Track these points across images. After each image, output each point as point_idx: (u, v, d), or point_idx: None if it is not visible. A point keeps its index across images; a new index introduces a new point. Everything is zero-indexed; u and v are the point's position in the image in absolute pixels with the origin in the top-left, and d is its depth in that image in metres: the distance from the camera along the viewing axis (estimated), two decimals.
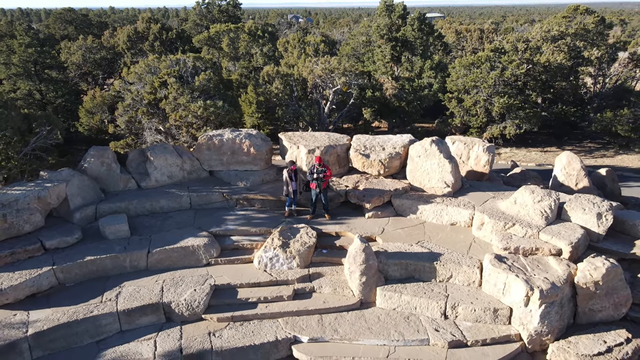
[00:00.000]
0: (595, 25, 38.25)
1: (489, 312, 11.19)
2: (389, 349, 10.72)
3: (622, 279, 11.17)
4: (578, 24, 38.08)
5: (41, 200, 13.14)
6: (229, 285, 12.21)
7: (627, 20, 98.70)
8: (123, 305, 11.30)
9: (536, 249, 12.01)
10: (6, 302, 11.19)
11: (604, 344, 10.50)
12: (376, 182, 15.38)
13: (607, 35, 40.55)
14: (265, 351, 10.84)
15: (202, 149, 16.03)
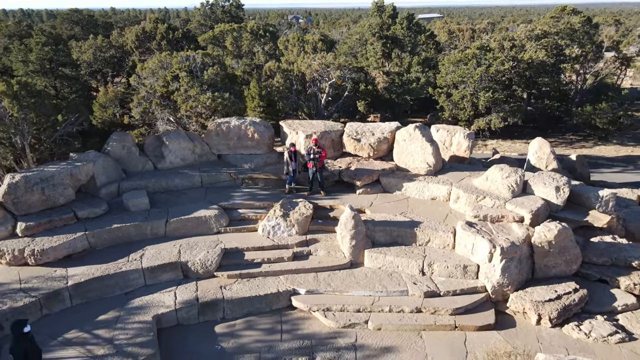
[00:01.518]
0: (581, 25, 40.10)
1: (459, 268, 13.05)
2: (374, 299, 12.57)
3: (572, 240, 13.02)
4: (565, 24, 39.94)
5: (73, 177, 15.01)
6: (236, 249, 14.07)
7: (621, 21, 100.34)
8: (147, 264, 13.16)
9: (502, 217, 13.88)
10: (47, 261, 13.06)
11: (554, 293, 12.35)
12: (366, 164, 17.26)
13: (594, 34, 42.35)
14: (269, 301, 12.68)
15: (212, 135, 17.89)
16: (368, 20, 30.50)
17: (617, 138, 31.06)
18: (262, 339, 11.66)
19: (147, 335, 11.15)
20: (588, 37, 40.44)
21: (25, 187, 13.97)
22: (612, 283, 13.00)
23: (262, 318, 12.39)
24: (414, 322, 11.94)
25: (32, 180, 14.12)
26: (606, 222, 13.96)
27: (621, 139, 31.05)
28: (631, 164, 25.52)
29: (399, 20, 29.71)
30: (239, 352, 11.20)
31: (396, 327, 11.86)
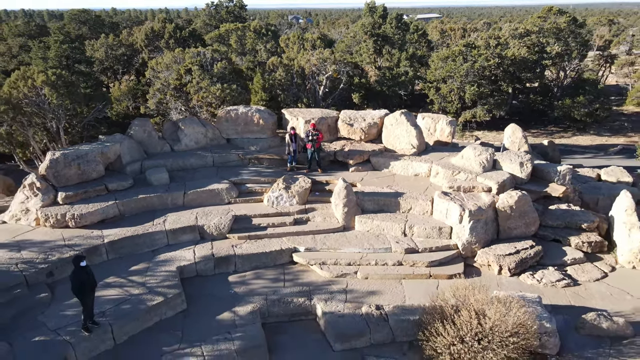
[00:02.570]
0: (567, 25, 42.27)
1: (435, 230, 15.25)
2: (362, 255, 14.77)
3: (530, 206, 15.24)
4: (552, 23, 42.12)
5: (103, 155, 17.21)
6: (245, 216, 16.27)
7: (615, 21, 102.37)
8: (169, 227, 15.36)
9: (473, 188, 16.10)
10: (85, 224, 15.26)
11: (514, 249, 14.57)
12: (358, 146, 19.48)
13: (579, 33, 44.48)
14: (273, 257, 14.87)
15: (222, 121, 20.09)
16: (361, 20, 32.82)
17: (594, 129, 33.23)
18: (268, 286, 13.86)
19: (173, 280, 13.36)
20: (573, 36, 42.66)
21: (64, 163, 16.19)
22: (565, 242, 15.23)
23: (267, 270, 14.59)
24: (395, 272, 14.16)
25: (69, 156, 16.33)
26: (562, 192, 16.19)
27: (598, 130, 33.23)
28: (602, 151, 27.67)
29: (389, 20, 32.07)
30: (249, 295, 13.40)
31: (380, 277, 14.07)
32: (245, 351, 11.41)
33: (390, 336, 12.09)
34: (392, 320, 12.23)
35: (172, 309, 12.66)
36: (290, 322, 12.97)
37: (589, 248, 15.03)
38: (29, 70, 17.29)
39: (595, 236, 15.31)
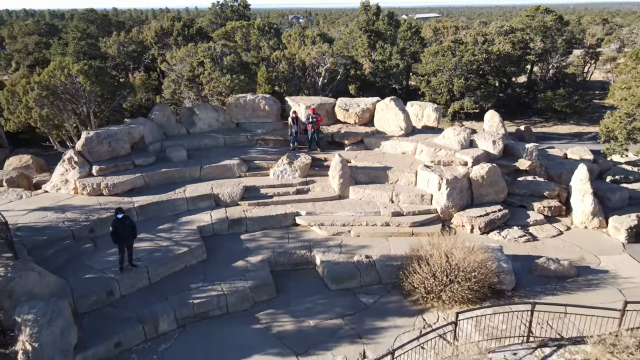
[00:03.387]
0: (553, 23, 44.56)
1: (418, 197, 17.63)
2: (355, 217, 17.13)
3: (500, 176, 17.61)
4: (539, 22, 44.40)
5: (129, 135, 19.59)
6: (254, 187, 18.64)
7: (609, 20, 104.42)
8: (189, 195, 17.73)
9: (451, 162, 18.47)
10: (116, 192, 17.62)
11: (485, 212, 16.95)
12: (353, 128, 21.86)
13: (565, 30, 46.75)
14: (279, 219, 17.24)
15: (232, 107, 22.46)
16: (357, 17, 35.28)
17: (574, 120, 35.56)
18: (275, 242, 16.24)
19: (194, 236, 15.75)
20: (559, 33, 44.94)
21: (97, 141, 18.57)
22: (529, 207, 17.62)
23: (274, 231, 16.96)
24: (383, 231, 16.54)
25: (102, 135, 18.72)
26: (528, 166, 18.58)
27: (578, 120, 35.55)
28: (577, 137, 30.02)
29: (381, 18, 34.50)
30: (259, 249, 15.78)
31: (370, 235, 16.45)
32: (257, 288, 13.82)
33: (377, 278, 14.49)
34: (379, 265, 14.64)
35: (195, 258, 15.06)
36: (294, 270, 15.36)
37: (549, 212, 17.43)
38: (64, 60, 19.63)
39: (555, 202, 17.71)
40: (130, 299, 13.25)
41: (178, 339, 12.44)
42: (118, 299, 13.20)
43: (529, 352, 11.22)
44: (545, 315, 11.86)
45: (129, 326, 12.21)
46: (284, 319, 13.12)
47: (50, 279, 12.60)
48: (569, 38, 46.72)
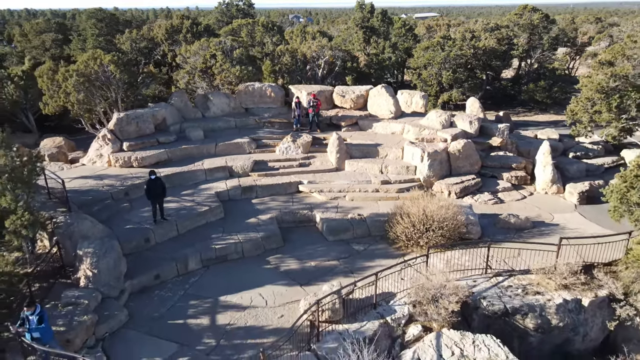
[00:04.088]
0: (539, 21, 47.18)
1: (404, 168, 20.36)
2: (350, 185, 19.82)
3: (474, 150, 20.33)
4: (526, 20, 47.02)
5: (154, 117, 22.33)
6: (262, 161, 21.34)
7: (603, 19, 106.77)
8: (206, 167, 20.45)
9: (433, 139, 21.19)
10: (144, 164, 20.32)
11: (460, 180, 19.67)
12: (348, 112, 24.59)
13: (550, 28, 49.34)
14: (284, 187, 19.94)
15: (241, 94, 25.18)
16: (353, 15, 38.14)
17: (554, 110, 38.20)
18: (281, 205, 18.93)
19: (213, 199, 18.47)
20: (546, 31, 47.56)
21: (127, 121, 21.31)
22: (499, 177, 20.36)
23: (280, 196, 19.66)
24: (373, 196, 19.26)
25: (131, 116, 21.46)
26: (499, 142, 21.31)
27: (557, 110, 38.15)
28: (553, 124, 32.72)
29: (375, 15, 37.31)
30: (268, 210, 18.49)
31: (362, 199, 19.17)
32: (267, 238, 16.56)
33: (367, 231, 17.22)
34: (369, 221, 17.38)
35: (214, 215, 17.79)
36: (297, 226, 18.07)
37: (516, 181, 20.17)
38: (97, 52, 22.34)
39: (522, 173, 20.45)
40: (163, 246, 16.01)
41: (204, 275, 15.19)
42: (153, 245, 15.96)
43: (486, 280, 14.02)
44: (502, 254, 14.67)
45: (165, 264, 14.97)
46: (289, 261, 15.87)
47: (99, 227, 15.33)
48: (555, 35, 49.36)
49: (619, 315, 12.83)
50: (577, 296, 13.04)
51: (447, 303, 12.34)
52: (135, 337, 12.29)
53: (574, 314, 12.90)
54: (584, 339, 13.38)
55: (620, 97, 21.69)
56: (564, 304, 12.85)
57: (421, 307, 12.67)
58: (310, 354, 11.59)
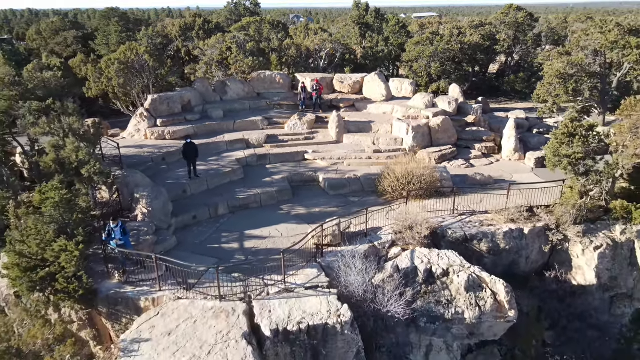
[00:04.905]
0: (523, 19, 50.86)
1: (393, 140, 24.13)
2: (347, 153, 23.56)
3: (451, 125, 24.09)
4: (512, 18, 50.69)
5: (181, 99, 26.10)
6: (274, 135, 25.09)
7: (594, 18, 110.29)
8: (227, 139, 24.24)
9: (417, 116, 24.97)
10: (175, 137, 24.09)
11: (439, 149, 23.39)
12: (346, 96, 28.37)
13: (534, 26, 52.97)
14: (292, 156, 23.68)
15: (254, 80, 28.96)
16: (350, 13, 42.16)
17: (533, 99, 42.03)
18: (291, 169, 22.66)
19: (234, 163, 22.21)
20: (530, 28, 51.24)
21: (159, 101, 25.07)
22: (472, 147, 24.11)
23: (289, 163, 23.38)
24: (366, 162, 23.02)
25: (163, 98, 25.23)
26: (473, 119, 25.08)
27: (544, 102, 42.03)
28: (529, 110, 36.43)
29: (370, 13, 41.31)
30: (280, 172, 22.23)
31: (357, 164, 22.93)
32: (280, 191, 20.33)
33: (361, 187, 20.96)
34: (362, 179, 21.14)
35: (236, 176, 21.56)
36: (304, 185, 21.80)
37: (486, 150, 23.94)
38: (132, 44, 26.10)
39: (491, 144, 24.23)
40: (197, 196, 19.79)
41: (231, 218, 18.96)
42: (189, 195, 19.75)
43: (452, 218, 17.80)
44: (467, 201, 18.45)
45: (200, 208, 18.76)
46: (298, 208, 19.64)
47: (148, 180, 19.10)
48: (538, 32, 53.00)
49: (552, 240, 16.64)
50: (520, 227, 16.82)
51: (420, 229, 16.15)
52: (184, 255, 15.99)
53: (517, 239, 16.69)
54: (527, 260, 17.18)
55: (575, 81, 25.48)
56: (509, 232, 16.63)
57: (401, 234, 16.44)
58: (315, 264, 15.37)
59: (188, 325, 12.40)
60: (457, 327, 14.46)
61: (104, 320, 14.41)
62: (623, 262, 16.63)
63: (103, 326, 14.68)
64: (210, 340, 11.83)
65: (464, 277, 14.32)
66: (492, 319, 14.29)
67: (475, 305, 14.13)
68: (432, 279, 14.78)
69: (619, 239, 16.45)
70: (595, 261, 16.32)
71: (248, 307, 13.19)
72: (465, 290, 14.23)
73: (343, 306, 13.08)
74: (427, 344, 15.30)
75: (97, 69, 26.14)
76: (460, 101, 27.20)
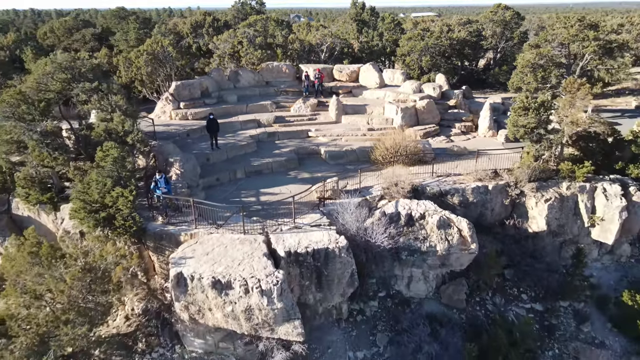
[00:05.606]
0: (511, 18, 54.36)
1: (384, 120, 27.67)
2: (345, 131, 27.08)
3: (435, 107, 27.64)
4: (500, 16, 54.18)
5: (200, 85, 29.64)
6: (281, 116, 28.62)
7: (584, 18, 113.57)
8: (241, 120, 27.80)
9: (406, 100, 28.53)
10: (197, 118, 27.60)
11: (424, 127, 26.96)
12: (345, 84, 31.90)
13: (521, 24, 56.44)
14: (298, 133, 27.17)
15: (263, 70, 32.50)
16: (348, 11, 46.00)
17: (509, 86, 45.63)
18: (297, 144, 26.15)
19: (249, 138, 25.79)
20: (517, 26, 54.74)
21: (182, 87, 28.61)
22: (453, 127, 27.64)
23: (295, 139, 26.86)
24: (362, 138, 26.53)
25: (185, 84, 28.77)
26: (454, 103, 28.62)
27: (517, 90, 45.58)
28: (508, 100, 40.03)
29: (366, 11, 45.01)
30: (287, 146, 25.72)
31: (354, 140, 26.44)
32: (288, 161, 23.87)
33: (356, 157, 24.46)
34: (358, 151, 24.66)
35: (250, 148, 25.09)
36: (308, 156, 25.27)
37: (465, 129, 27.48)
38: (157, 38, 29.63)
39: (470, 123, 27.77)
40: (218, 164, 23.31)
41: (246, 180, 22.48)
42: (212, 163, 23.28)
43: (432, 178, 21.35)
44: (445, 168, 22.01)
45: (222, 173, 22.31)
46: (304, 173, 23.17)
47: (178, 149, 22.68)
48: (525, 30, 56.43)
49: (511, 195, 20.21)
50: (486, 184, 20.39)
51: (404, 185, 19.72)
52: None
53: (483, 194, 20.24)
54: (492, 213, 20.74)
55: (544, 70, 29.02)
56: (477, 188, 20.18)
57: (388, 190, 19.99)
58: (318, 211, 18.94)
59: (221, 249, 15.98)
60: (431, 259, 18.05)
61: (151, 253, 17.99)
62: (568, 212, 20.20)
63: (149, 259, 18.27)
64: (238, 257, 15.40)
65: (437, 218, 17.90)
66: (458, 251, 17.88)
67: (444, 240, 17.72)
68: (411, 221, 18.36)
69: (565, 193, 20.02)
70: (546, 211, 19.88)
71: (266, 238, 16.76)
72: (437, 228, 17.81)
73: (340, 237, 16.65)
74: (409, 275, 18.91)
75: (127, 59, 29.70)
76: (445, 88, 30.79)
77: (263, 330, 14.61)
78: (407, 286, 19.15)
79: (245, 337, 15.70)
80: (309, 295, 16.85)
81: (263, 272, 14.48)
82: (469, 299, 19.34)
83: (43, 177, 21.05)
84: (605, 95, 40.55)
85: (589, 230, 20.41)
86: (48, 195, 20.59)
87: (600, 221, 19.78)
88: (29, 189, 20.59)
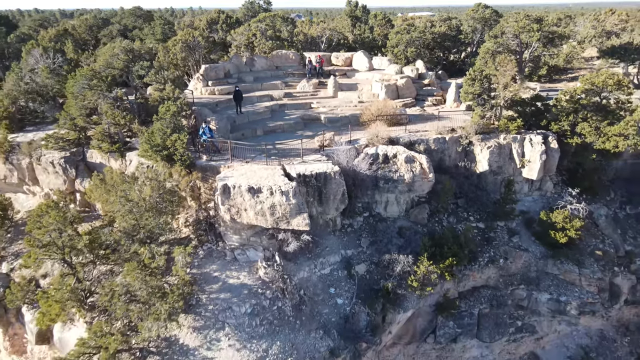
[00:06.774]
0: (489, 16, 60.83)
1: (372, 94, 34.11)
2: (340, 104, 33.54)
3: (412, 85, 34.12)
4: (480, 14, 60.60)
5: (224, 68, 36.10)
6: (289, 92, 35.09)
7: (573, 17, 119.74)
8: (257, 95, 34.32)
9: (389, 79, 35.06)
10: (223, 93, 34.16)
11: (403, 100, 33.52)
12: (340, 67, 38.47)
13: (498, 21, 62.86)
14: (302, 105, 33.55)
15: (274, 57, 39.01)
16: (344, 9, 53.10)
17: None
18: (302, 113, 32.59)
19: (264, 107, 32.38)
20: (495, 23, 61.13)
21: (210, 69, 35.11)
22: (426, 100, 34.17)
23: (301, 109, 33.37)
24: (353, 108, 33.01)
25: (212, 67, 35.26)
26: (428, 82, 35.16)
27: None
28: None
29: (359, 8, 51.85)
30: (294, 114, 32.21)
31: (347, 110, 32.85)
32: (295, 123, 30.37)
33: (349, 122, 30.84)
34: (350, 117, 31.07)
35: (266, 115, 31.55)
36: (311, 122, 31.68)
37: (435, 102, 33.97)
38: (188, 30, 36.13)
39: (440, 98, 34.27)
40: (242, 125, 29.80)
41: (265, 136, 28.91)
42: (238, 124, 29.74)
43: (405, 134, 27.90)
44: (416, 127, 28.56)
45: (246, 130, 28.82)
46: (307, 132, 29.60)
47: (211, 113, 29.24)
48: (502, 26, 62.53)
49: (463, 144, 26.76)
50: (444, 136, 26.92)
51: (384, 136, 26.27)
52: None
53: (442, 144, 26.73)
54: (449, 158, 27.26)
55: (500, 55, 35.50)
56: (437, 139, 26.65)
57: (371, 140, 26.49)
58: (319, 153, 25.49)
59: (250, 172, 22.52)
60: (401, 186, 24.59)
61: (198, 182, 24.57)
62: (505, 157, 26.73)
63: (197, 187, 24.83)
64: (264, 176, 21.93)
65: (405, 155, 24.45)
66: (420, 179, 24.41)
67: (410, 171, 24.27)
68: (387, 159, 24.89)
69: (502, 142, 26.54)
70: (488, 156, 26.39)
71: (282, 167, 23.33)
72: (405, 163, 24.35)
73: (335, 166, 23.23)
74: (385, 200, 25.46)
75: (165, 47, 36.26)
76: (422, 71, 37.30)
77: (282, 223, 21.15)
78: (384, 209, 25.70)
79: (268, 232, 22.29)
80: (312, 209, 23.37)
81: (282, 182, 21.06)
82: (430, 219, 25.89)
83: (112, 132, 27.59)
84: (561, 80, 47.19)
85: (521, 170, 26.93)
86: (117, 146, 27.05)
87: (528, 162, 26.31)
88: (102, 141, 27.10)
